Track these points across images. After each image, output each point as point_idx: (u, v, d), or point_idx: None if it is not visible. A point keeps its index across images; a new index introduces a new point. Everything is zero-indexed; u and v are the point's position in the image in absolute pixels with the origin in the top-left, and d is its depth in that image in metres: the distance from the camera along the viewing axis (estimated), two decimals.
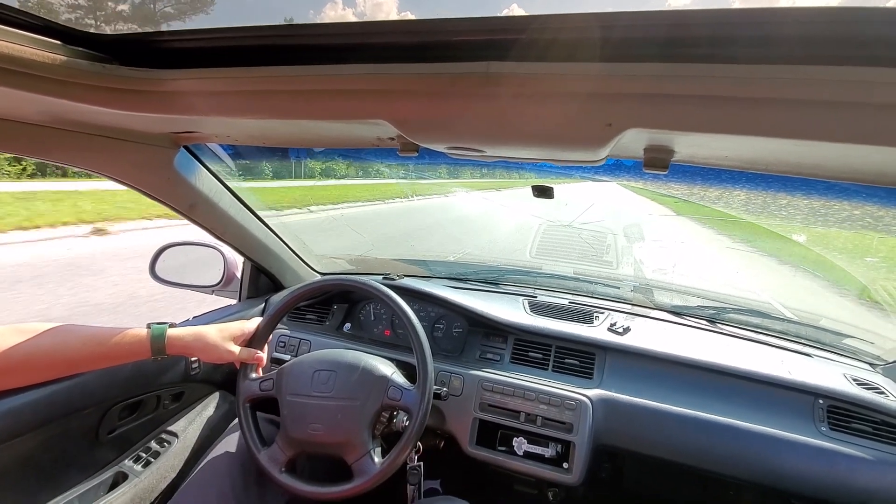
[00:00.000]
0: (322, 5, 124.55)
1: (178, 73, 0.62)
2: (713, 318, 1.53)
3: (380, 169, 2.78)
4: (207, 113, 0.72)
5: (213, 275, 1.55)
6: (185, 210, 1.18)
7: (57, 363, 0.88)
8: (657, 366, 1.30)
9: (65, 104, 0.65)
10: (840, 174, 0.68)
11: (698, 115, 0.51)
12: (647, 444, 1.21)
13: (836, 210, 2.06)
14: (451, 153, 0.82)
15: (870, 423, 1.12)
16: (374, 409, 1.06)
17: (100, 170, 0.98)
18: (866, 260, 1.90)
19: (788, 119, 0.48)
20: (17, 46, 0.54)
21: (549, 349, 1.38)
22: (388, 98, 0.60)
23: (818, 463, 1.08)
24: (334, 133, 0.86)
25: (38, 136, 0.82)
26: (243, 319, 1.16)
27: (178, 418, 1.29)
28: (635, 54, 0.45)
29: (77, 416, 1.02)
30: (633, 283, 1.77)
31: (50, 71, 0.57)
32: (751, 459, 1.12)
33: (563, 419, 1.21)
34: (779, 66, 0.42)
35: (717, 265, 4.10)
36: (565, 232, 2.32)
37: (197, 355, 1.02)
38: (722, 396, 1.21)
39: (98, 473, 1.08)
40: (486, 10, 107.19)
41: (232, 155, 1.23)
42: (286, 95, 0.63)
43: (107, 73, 0.61)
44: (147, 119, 0.80)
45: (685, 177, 0.97)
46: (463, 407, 1.29)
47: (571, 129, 0.61)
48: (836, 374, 1.25)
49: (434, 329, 1.49)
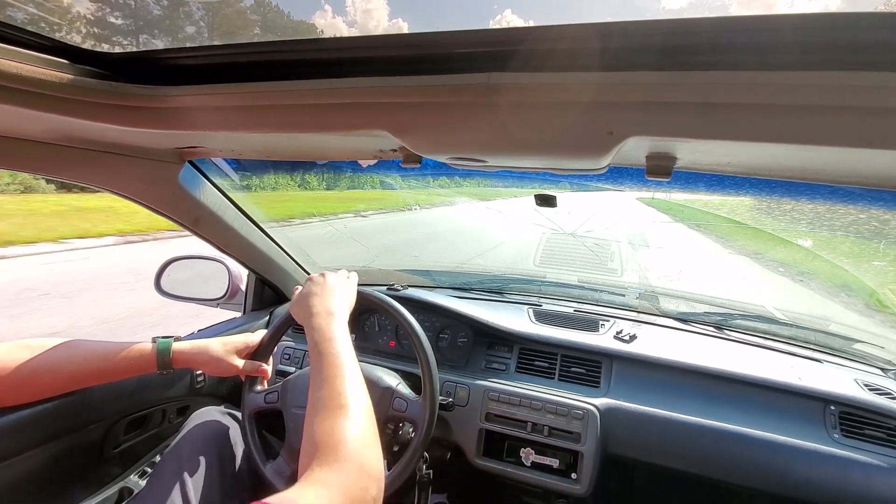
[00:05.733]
0: (311, 14, 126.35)
1: (183, 89, 0.63)
2: (720, 324, 1.52)
3: (382, 180, 2.80)
4: (212, 128, 0.72)
5: (217, 288, 1.55)
6: (189, 224, 1.19)
7: (63, 378, 0.88)
8: (664, 373, 1.28)
9: (71, 122, 0.66)
10: (844, 178, 0.68)
11: (699, 123, 0.51)
12: (657, 453, 1.20)
13: (841, 214, 2.04)
14: (453, 164, 0.82)
15: (884, 430, 1.10)
16: (380, 421, 1.05)
17: (105, 186, 0.99)
18: (874, 264, 1.89)
19: (790, 124, 0.48)
20: (24, 66, 0.55)
21: (554, 358, 1.37)
22: (390, 111, 0.60)
23: (832, 471, 1.06)
24: (337, 146, 0.87)
25: (45, 153, 0.83)
26: (248, 332, 1.15)
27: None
28: (635, 63, 0.46)
29: (83, 431, 1.02)
30: (639, 291, 1.76)
31: (57, 89, 0.58)
32: (762, 468, 1.10)
33: (570, 429, 1.20)
34: (779, 72, 0.42)
35: (723, 271, 4.08)
36: (569, 240, 2.32)
37: (201, 368, 1.02)
38: (731, 404, 1.20)
39: (104, 489, 1.08)
40: (481, 21, 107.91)
41: (236, 168, 1.24)
42: (289, 109, 0.64)
43: (113, 91, 0.62)
44: (152, 135, 0.81)
45: (688, 183, 0.96)
46: (469, 417, 1.28)
47: (573, 138, 0.61)
48: (848, 380, 1.23)
49: (439, 339, 1.48)
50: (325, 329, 0.86)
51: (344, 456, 0.60)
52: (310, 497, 0.52)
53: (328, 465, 0.59)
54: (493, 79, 0.50)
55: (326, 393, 0.72)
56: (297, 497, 0.52)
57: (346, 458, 0.60)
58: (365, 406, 0.72)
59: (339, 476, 0.57)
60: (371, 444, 0.66)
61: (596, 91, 0.49)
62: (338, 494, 0.55)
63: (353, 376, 0.77)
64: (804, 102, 0.44)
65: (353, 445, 0.62)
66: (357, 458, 0.61)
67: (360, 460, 0.61)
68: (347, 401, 0.71)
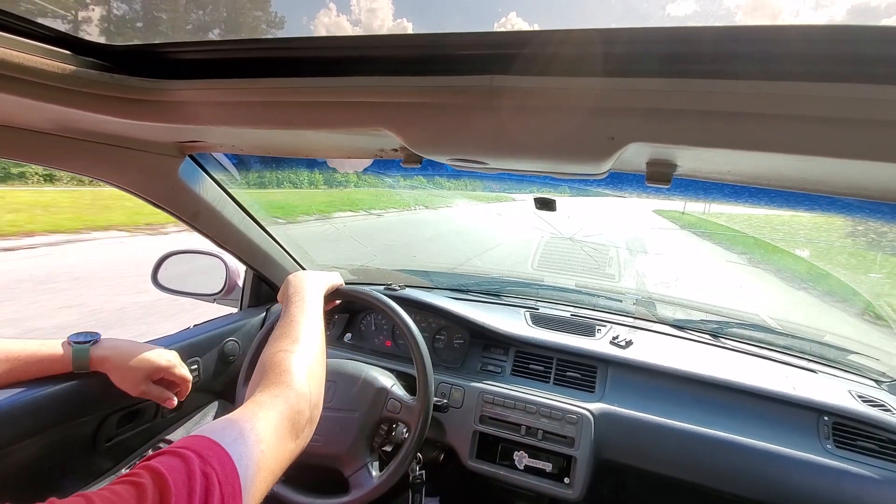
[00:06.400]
0: (316, 11, 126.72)
1: (185, 83, 0.62)
2: (716, 332, 1.52)
3: (383, 179, 2.79)
4: (213, 123, 0.72)
5: (214, 283, 1.55)
6: (188, 218, 1.19)
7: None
8: (660, 380, 1.28)
9: (73, 113, 0.66)
10: (844, 190, 0.68)
11: (700, 130, 0.51)
12: (650, 459, 1.20)
13: (839, 226, 2.05)
14: (453, 165, 0.82)
15: (876, 441, 1.10)
16: (373, 422, 1.05)
17: (105, 178, 0.99)
18: (870, 276, 1.89)
19: (791, 135, 0.48)
20: (27, 56, 0.54)
21: (550, 362, 1.37)
22: (391, 110, 0.60)
23: (824, 481, 1.06)
24: (338, 144, 0.87)
25: (46, 144, 0.83)
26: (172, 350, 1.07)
27: (176, 427, 1.28)
28: (637, 69, 0.46)
29: (75, 423, 1.01)
30: (636, 297, 1.76)
31: (59, 80, 0.58)
32: (755, 477, 1.10)
33: (564, 433, 1.20)
34: (780, 82, 0.42)
35: (720, 279, 4.09)
36: (567, 244, 2.32)
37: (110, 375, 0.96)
38: (725, 412, 1.20)
39: (95, 482, 1.07)
40: (485, 23, 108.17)
41: (236, 164, 1.24)
42: (291, 106, 0.64)
43: (115, 83, 0.62)
44: (153, 128, 0.81)
45: (688, 191, 0.97)
46: (463, 419, 1.28)
47: (573, 142, 0.61)
48: (842, 391, 1.24)
49: (435, 340, 1.48)
50: (296, 299, 0.92)
51: (287, 382, 0.67)
52: (248, 417, 0.58)
53: (270, 390, 0.65)
54: (495, 81, 0.50)
55: (283, 330, 0.81)
56: (236, 418, 0.57)
57: (288, 384, 0.67)
58: (316, 343, 0.81)
59: (278, 400, 0.63)
60: (314, 374, 0.73)
61: (598, 96, 0.49)
62: (276, 415, 0.60)
63: (310, 320, 0.85)
64: (805, 113, 0.44)
65: (296, 374, 0.69)
66: (298, 385, 0.67)
67: (301, 388, 0.67)
68: (300, 335, 0.79)
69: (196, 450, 0.48)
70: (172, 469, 0.44)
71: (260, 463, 0.53)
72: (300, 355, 0.74)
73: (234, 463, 0.49)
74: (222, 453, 0.49)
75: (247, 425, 0.56)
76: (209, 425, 0.54)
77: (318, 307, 0.92)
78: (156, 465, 0.44)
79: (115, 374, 0.95)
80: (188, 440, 0.50)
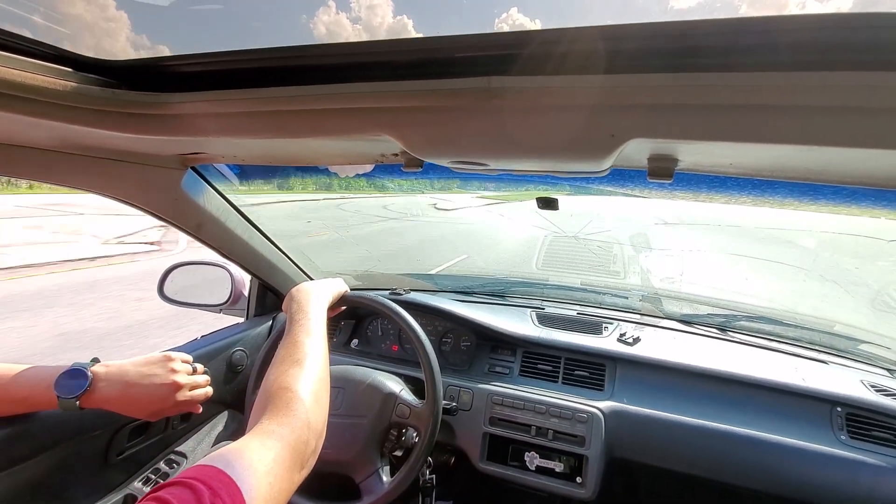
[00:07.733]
0: (316, 9, 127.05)
1: (186, 96, 0.63)
2: (723, 325, 1.51)
3: (385, 183, 2.80)
4: (214, 134, 0.73)
5: (220, 293, 1.55)
6: (192, 230, 1.19)
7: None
8: (669, 376, 1.28)
9: (75, 129, 0.66)
10: (847, 178, 0.67)
11: (701, 124, 0.51)
12: (662, 456, 1.19)
13: (845, 215, 2.04)
14: (454, 167, 0.82)
15: (891, 431, 1.09)
16: (383, 427, 1.04)
17: (108, 192, 0.99)
18: (878, 264, 1.88)
19: (793, 125, 0.47)
20: (28, 74, 0.55)
21: (558, 361, 1.36)
22: (391, 115, 0.60)
23: (840, 473, 1.05)
24: (339, 151, 0.87)
25: (48, 160, 0.83)
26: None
27: (186, 439, 1.28)
28: (636, 66, 0.46)
29: (87, 438, 1.02)
30: (642, 293, 1.76)
31: (60, 97, 0.58)
32: (769, 470, 1.09)
33: (574, 432, 1.20)
34: (781, 73, 0.42)
35: (726, 272, 4.07)
36: (571, 243, 2.32)
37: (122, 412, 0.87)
38: (736, 406, 1.19)
39: (107, 496, 1.08)
40: (485, 22, 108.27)
41: (238, 174, 1.25)
42: (291, 115, 0.64)
43: (116, 98, 0.62)
44: (156, 142, 0.81)
45: (690, 185, 0.96)
46: (473, 421, 1.28)
47: (574, 140, 0.61)
48: (854, 381, 1.22)
49: (442, 343, 1.48)
50: (299, 317, 0.90)
51: (293, 411, 0.65)
52: (256, 447, 0.56)
53: (277, 418, 0.63)
54: (493, 82, 0.50)
55: (287, 351, 0.78)
56: (244, 448, 0.55)
57: (294, 413, 0.65)
58: (319, 366, 0.78)
59: (284, 429, 0.62)
60: (319, 400, 0.72)
61: (597, 94, 0.49)
62: (282, 446, 0.59)
63: (314, 341, 0.83)
64: (808, 103, 0.44)
65: (301, 402, 0.67)
66: (304, 414, 0.65)
67: (307, 416, 0.66)
68: (304, 358, 0.77)
69: (205, 480, 0.47)
70: (182, 501, 0.44)
71: (268, 496, 0.52)
72: (305, 381, 0.72)
73: (243, 496, 0.48)
74: (231, 484, 0.49)
75: (255, 455, 0.55)
76: (217, 454, 0.53)
77: (321, 323, 0.91)
78: (166, 497, 0.44)
79: (119, 409, 0.87)
80: (196, 470, 0.49)
